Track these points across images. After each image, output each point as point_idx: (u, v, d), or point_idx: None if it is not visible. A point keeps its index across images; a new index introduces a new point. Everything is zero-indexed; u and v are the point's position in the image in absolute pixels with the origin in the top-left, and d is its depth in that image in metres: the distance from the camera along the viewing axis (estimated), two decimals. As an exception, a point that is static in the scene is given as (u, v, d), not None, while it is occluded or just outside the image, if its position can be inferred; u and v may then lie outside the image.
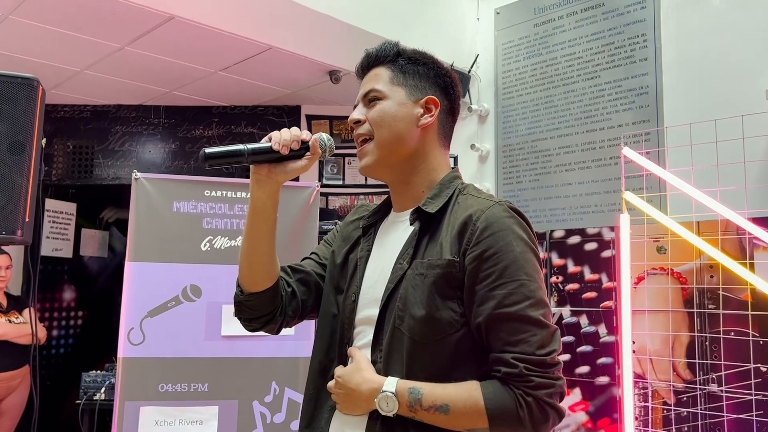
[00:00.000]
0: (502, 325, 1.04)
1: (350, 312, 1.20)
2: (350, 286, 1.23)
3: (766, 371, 2.34)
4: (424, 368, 1.08)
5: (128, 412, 2.01)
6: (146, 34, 2.96)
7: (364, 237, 1.27)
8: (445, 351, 1.08)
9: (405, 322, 1.10)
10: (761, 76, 2.67)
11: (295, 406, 2.11)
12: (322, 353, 1.24)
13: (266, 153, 1.15)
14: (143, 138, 4.00)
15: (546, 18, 3.58)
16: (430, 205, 1.17)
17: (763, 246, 2.37)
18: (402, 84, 1.21)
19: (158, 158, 3.98)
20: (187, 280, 2.10)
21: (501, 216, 1.09)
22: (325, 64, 3.27)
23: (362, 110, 1.23)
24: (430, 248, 1.13)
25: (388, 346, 1.11)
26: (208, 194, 2.16)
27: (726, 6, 2.88)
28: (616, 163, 3.22)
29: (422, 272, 1.11)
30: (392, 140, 1.18)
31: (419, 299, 1.09)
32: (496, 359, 1.05)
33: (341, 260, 1.28)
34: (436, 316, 1.08)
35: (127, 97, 3.90)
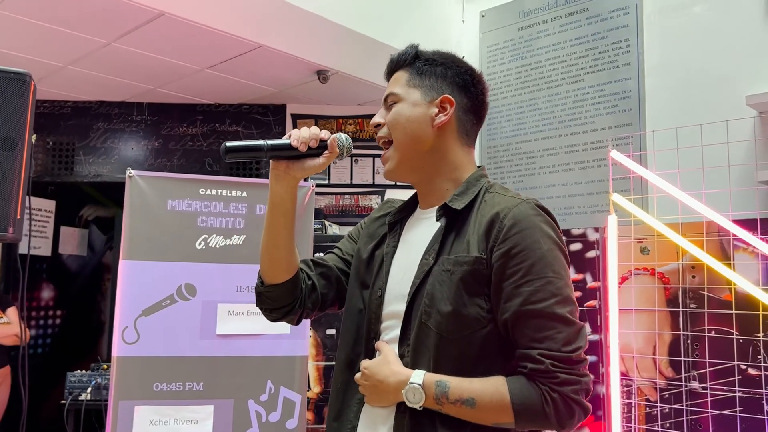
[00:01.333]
0: (528, 321, 1.07)
1: (377, 307, 1.23)
2: (376, 282, 1.25)
3: (746, 369, 2.41)
4: (451, 363, 1.11)
5: (122, 412, 2.00)
6: (135, 30, 2.93)
7: (390, 233, 1.30)
8: (471, 347, 1.10)
9: (432, 318, 1.12)
10: (741, 82, 2.75)
11: (291, 404, 2.11)
12: (348, 347, 1.27)
13: (285, 149, 1.18)
14: (126, 135, 3.95)
15: (531, 22, 3.64)
16: (457, 201, 1.19)
17: (742, 247, 2.45)
18: (418, 85, 1.24)
19: (141, 156, 3.94)
20: (182, 278, 2.09)
21: (528, 214, 1.12)
22: (314, 63, 3.28)
23: (383, 113, 1.27)
24: (456, 245, 1.16)
25: (416, 341, 1.14)
26: (203, 192, 2.15)
27: (706, 14, 2.96)
28: (599, 166, 3.29)
29: (449, 268, 1.14)
30: (408, 141, 1.22)
31: (446, 295, 1.12)
32: (522, 355, 1.08)
33: (367, 256, 1.30)
34: (463, 312, 1.10)
35: (110, 94, 3.85)
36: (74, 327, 4.62)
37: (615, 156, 2.61)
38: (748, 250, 2.43)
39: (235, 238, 2.16)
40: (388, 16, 3.35)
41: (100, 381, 2.77)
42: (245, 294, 2.13)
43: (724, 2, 2.90)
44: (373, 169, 3.91)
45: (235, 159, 1.17)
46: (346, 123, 3.95)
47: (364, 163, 3.91)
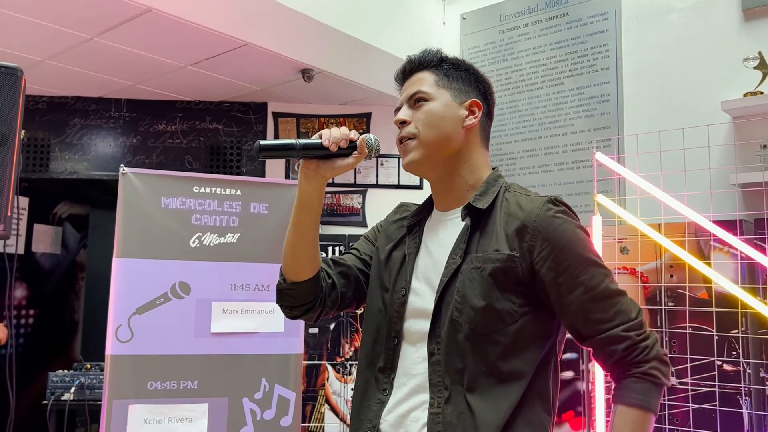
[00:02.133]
0: (596, 305, 1.14)
1: (399, 306, 1.25)
2: (398, 282, 1.28)
3: (721, 364, 2.51)
4: (485, 357, 1.15)
5: (116, 411, 1.98)
6: (120, 26, 2.89)
7: (410, 235, 1.33)
8: (504, 341, 1.15)
9: (464, 314, 1.16)
10: (717, 88, 2.86)
11: (285, 402, 2.12)
12: (368, 347, 1.29)
13: (316, 149, 1.20)
14: (103, 132, 3.89)
15: (511, 25, 3.71)
16: (480, 201, 1.24)
17: (719, 247, 2.54)
18: (447, 87, 1.28)
19: (119, 153, 3.89)
20: (176, 276, 2.08)
21: (552, 213, 1.18)
22: (299, 62, 3.28)
23: (407, 112, 1.29)
24: (482, 243, 1.20)
25: (447, 338, 1.17)
26: (197, 190, 2.14)
27: (683, 21, 3.06)
28: (578, 167, 3.37)
29: (478, 266, 1.18)
30: (439, 140, 1.25)
31: (477, 291, 1.16)
32: (605, 340, 1.14)
33: (385, 257, 1.33)
34: (496, 307, 1.15)
35: (87, 89, 3.78)
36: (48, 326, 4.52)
37: (599, 158, 2.69)
38: (724, 250, 2.53)
39: (229, 236, 2.16)
40: (371, 16, 3.37)
41: (83, 381, 2.73)
42: (239, 292, 2.13)
43: (700, 10, 3.01)
44: (354, 169, 3.93)
45: (269, 158, 1.19)
46: (328, 122, 3.96)
47: (346, 162, 3.92)
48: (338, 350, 3.33)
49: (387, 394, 1.22)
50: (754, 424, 2.44)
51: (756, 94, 2.63)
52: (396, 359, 1.24)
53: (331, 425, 3.27)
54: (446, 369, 1.16)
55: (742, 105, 2.65)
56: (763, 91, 2.63)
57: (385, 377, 1.24)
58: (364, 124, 3.96)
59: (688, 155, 2.60)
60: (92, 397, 2.78)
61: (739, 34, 2.87)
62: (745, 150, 2.71)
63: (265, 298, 2.16)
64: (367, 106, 3.95)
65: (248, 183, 2.21)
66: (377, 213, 3.76)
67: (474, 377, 1.15)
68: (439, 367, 1.17)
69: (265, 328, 2.13)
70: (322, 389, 3.29)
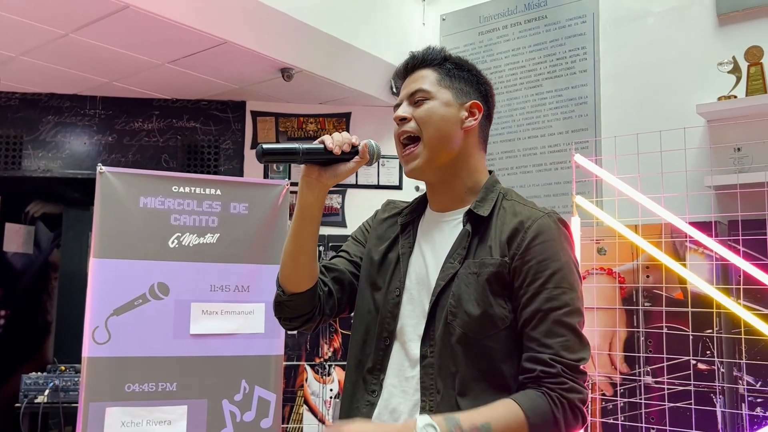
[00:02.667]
0: (540, 325, 1.12)
1: (393, 306, 1.24)
2: (392, 282, 1.27)
3: (695, 363, 2.55)
4: (476, 362, 1.14)
5: (93, 414, 1.95)
6: (96, 22, 2.85)
7: (403, 234, 1.31)
8: (496, 345, 1.15)
9: (458, 318, 1.16)
10: (692, 91, 2.90)
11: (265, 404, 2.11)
12: (357, 349, 1.28)
13: (319, 153, 1.19)
14: (77, 129, 3.82)
15: (491, 27, 3.73)
16: (481, 208, 1.23)
17: (694, 248, 2.59)
18: (448, 86, 1.26)
19: (93, 151, 3.83)
20: (155, 277, 2.05)
21: (551, 227, 1.18)
22: (279, 61, 3.26)
23: (407, 108, 1.27)
24: (479, 249, 1.20)
25: (440, 340, 1.16)
26: (176, 190, 2.12)
27: (660, 25, 3.11)
28: (556, 169, 3.40)
29: (475, 271, 1.17)
30: (439, 139, 1.23)
31: (473, 297, 1.16)
32: (532, 358, 1.12)
33: (379, 257, 1.31)
34: (490, 312, 1.15)
35: (62, 86, 3.72)
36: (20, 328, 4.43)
37: (578, 160, 2.71)
38: (699, 251, 2.57)
39: (209, 236, 2.14)
40: (351, 16, 3.37)
41: (58, 383, 2.68)
42: (219, 293, 2.11)
43: (676, 15, 3.05)
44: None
45: (271, 162, 1.18)
46: (308, 121, 3.94)
47: (325, 162, 3.91)
48: (317, 351, 3.32)
49: (376, 396, 1.21)
50: (728, 422, 2.48)
51: (729, 98, 2.68)
52: (386, 360, 1.22)
53: (309, 426, 3.26)
54: (439, 372, 1.15)
55: (716, 108, 2.70)
56: (737, 95, 2.68)
57: (374, 378, 1.23)
58: (344, 124, 3.95)
59: (665, 157, 2.64)
60: (66, 399, 2.73)
61: (714, 39, 2.92)
62: (719, 153, 2.76)
63: (245, 299, 2.14)
64: (347, 106, 3.94)
65: (228, 183, 2.19)
66: (357, 213, 3.75)
67: (466, 381, 1.14)
68: (432, 370, 1.16)
69: (245, 330, 2.11)
70: (300, 390, 3.28)
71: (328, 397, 3.30)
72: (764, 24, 2.80)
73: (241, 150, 3.92)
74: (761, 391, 2.40)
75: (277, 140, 3.93)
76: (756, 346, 2.40)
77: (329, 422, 1.04)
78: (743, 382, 2.44)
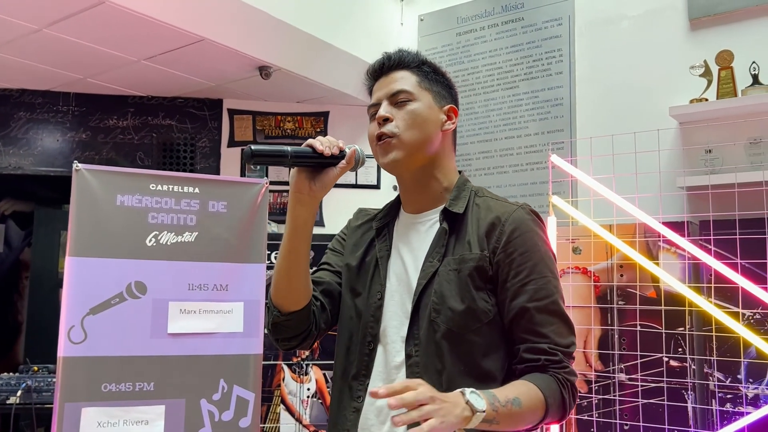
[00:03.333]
0: (535, 316, 1.15)
1: (375, 309, 1.26)
2: (372, 286, 1.28)
3: (667, 360, 2.61)
4: (462, 357, 1.17)
5: (68, 414, 1.92)
6: (71, 17, 2.81)
7: (379, 238, 1.33)
8: (480, 340, 1.17)
9: (442, 314, 1.18)
10: (664, 93, 2.96)
11: (244, 403, 2.09)
12: (342, 356, 1.29)
13: (308, 156, 1.17)
14: (50, 126, 3.76)
15: (468, 28, 3.76)
16: (455, 206, 1.26)
17: (666, 248, 2.64)
18: (428, 89, 1.28)
19: (67, 148, 3.77)
20: (132, 276, 2.02)
21: (526, 219, 1.22)
22: (257, 59, 3.25)
23: (389, 108, 1.27)
24: (457, 246, 1.22)
25: (425, 338, 1.18)
26: (154, 188, 2.09)
27: (634, 28, 3.16)
28: (533, 169, 3.45)
29: (455, 267, 1.20)
30: (421, 141, 1.25)
31: (455, 293, 1.18)
32: (532, 349, 1.15)
33: (357, 263, 1.33)
34: (473, 307, 1.17)
35: (34, 82, 3.65)
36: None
37: (555, 160, 2.75)
38: (671, 251, 2.63)
39: (187, 235, 2.11)
40: (330, 15, 3.37)
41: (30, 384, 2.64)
42: (197, 292, 2.09)
43: (650, 19, 3.12)
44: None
45: (259, 163, 1.16)
46: (285, 120, 3.93)
47: (303, 161, 3.90)
48: (294, 350, 3.32)
49: (361, 401, 1.22)
50: (698, 418, 2.54)
51: (701, 101, 2.75)
52: (371, 364, 1.23)
53: (286, 426, 3.26)
54: (425, 370, 1.17)
55: (688, 111, 2.76)
56: (708, 98, 2.75)
57: (359, 384, 1.23)
58: (322, 123, 3.95)
59: (638, 158, 2.69)
60: (39, 400, 2.69)
61: (686, 43, 2.99)
62: (690, 154, 2.82)
63: (223, 298, 2.12)
64: (325, 105, 3.94)
65: (206, 181, 2.17)
66: (334, 212, 3.75)
67: (452, 377, 1.16)
68: (418, 368, 1.18)
69: (223, 329, 2.09)
70: (277, 390, 3.27)
71: (306, 396, 3.30)
72: (735, 29, 2.87)
73: (217, 148, 3.90)
74: (731, 388, 2.46)
75: (254, 139, 3.91)
76: (726, 343, 2.46)
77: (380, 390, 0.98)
78: (714, 378, 2.50)
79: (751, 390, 2.42)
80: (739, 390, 2.44)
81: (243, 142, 3.90)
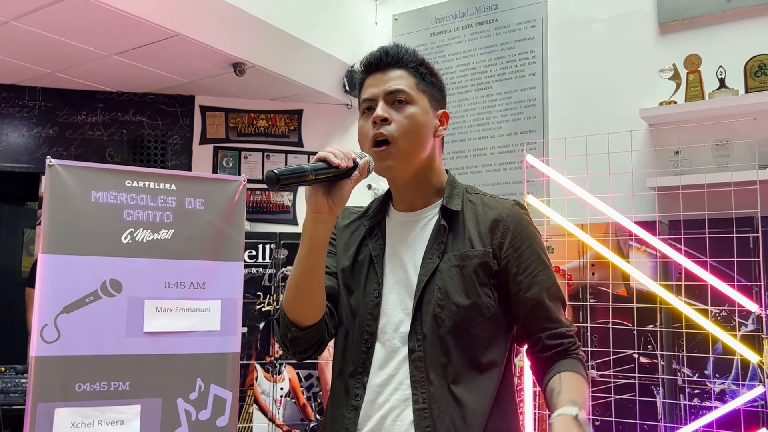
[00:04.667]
0: (548, 305, 1.21)
1: (373, 307, 1.25)
2: (367, 284, 1.27)
3: (637, 357, 2.66)
4: (467, 350, 1.19)
5: (41, 415, 1.87)
6: (39, 10, 2.74)
7: (371, 237, 1.32)
8: (483, 333, 1.20)
9: (446, 309, 1.19)
10: (634, 96, 3.03)
11: (221, 402, 2.08)
12: (339, 355, 1.29)
13: (325, 170, 1.12)
14: (16, 121, 3.67)
15: (443, 28, 3.78)
16: (452, 203, 1.27)
17: (636, 247, 2.70)
18: (425, 92, 1.27)
19: (33, 144, 3.68)
20: (107, 273, 1.99)
21: (522, 214, 1.27)
22: (231, 55, 3.22)
23: (386, 108, 1.24)
24: (456, 242, 1.24)
25: (430, 333, 1.19)
26: (129, 184, 2.06)
27: (605, 31, 3.22)
28: (506, 169, 3.48)
29: (457, 264, 1.22)
30: (416, 149, 1.24)
31: (459, 288, 1.20)
32: (553, 335, 1.22)
33: (349, 263, 1.32)
34: (478, 302, 1.20)
35: (-1, 76, 3.56)
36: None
37: (529, 160, 2.79)
38: (642, 249, 2.69)
39: (163, 232, 2.09)
40: (305, 13, 3.36)
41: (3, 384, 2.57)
42: (173, 290, 2.06)
43: (620, 22, 3.18)
44: (285, 165, 3.89)
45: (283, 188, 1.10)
46: (258, 117, 3.90)
47: (276, 158, 3.88)
48: (267, 350, 3.30)
49: (360, 399, 1.21)
50: (666, 412, 2.60)
51: (670, 103, 2.81)
52: (369, 362, 1.23)
53: (259, 425, 3.23)
54: (430, 364, 1.18)
55: (657, 113, 2.82)
56: (677, 100, 2.81)
57: (356, 382, 1.23)
58: (296, 121, 3.93)
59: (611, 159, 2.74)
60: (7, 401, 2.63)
61: (656, 47, 3.06)
62: (660, 155, 2.89)
63: (200, 296, 2.10)
64: (299, 103, 3.92)
65: (183, 178, 2.14)
66: (308, 211, 3.73)
67: (457, 370, 1.18)
68: (422, 363, 1.18)
69: (200, 327, 2.08)
70: (250, 389, 3.25)
71: (279, 396, 3.28)
72: (702, 33, 2.94)
73: (189, 145, 3.85)
74: (699, 383, 2.53)
75: (227, 136, 3.87)
76: (694, 339, 2.53)
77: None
78: (682, 374, 2.56)
79: (718, 385, 2.49)
80: (706, 385, 2.51)
81: (215, 140, 3.87)
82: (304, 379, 3.31)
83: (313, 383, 3.32)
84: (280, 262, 3.21)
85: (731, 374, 2.48)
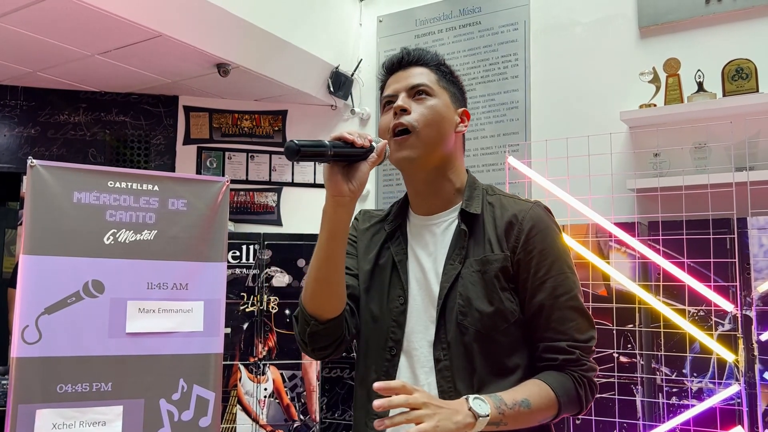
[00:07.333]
0: (553, 313, 1.16)
1: (398, 315, 1.23)
2: (391, 290, 1.25)
3: (617, 356, 2.70)
4: (491, 357, 1.16)
5: (22, 416, 1.87)
6: (22, 9, 2.73)
7: (392, 241, 1.30)
8: (507, 339, 1.17)
9: (469, 316, 1.17)
10: (615, 99, 3.07)
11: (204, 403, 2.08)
12: (361, 362, 1.27)
13: (343, 148, 1.10)
14: (-4, 120, 3.64)
15: (427, 30, 3.80)
16: (471, 206, 1.24)
17: (616, 247, 2.74)
18: (446, 89, 1.27)
19: (14, 144, 3.65)
20: (89, 274, 1.99)
21: (542, 216, 1.22)
22: (215, 56, 3.21)
23: (407, 101, 1.24)
24: (476, 247, 1.21)
25: (454, 342, 1.17)
26: (112, 185, 2.06)
27: (586, 35, 3.26)
28: (488, 171, 3.51)
29: (478, 269, 1.19)
30: (437, 140, 1.22)
31: (482, 294, 1.17)
32: (550, 348, 1.16)
33: (370, 267, 1.30)
34: (501, 308, 1.17)
35: (-21, 75, 3.53)
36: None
37: (512, 162, 2.81)
38: (622, 250, 2.72)
39: (146, 233, 2.09)
40: (289, 13, 3.37)
41: (-20, 386, 2.55)
42: (156, 291, 2.06)
43: (601, 26, 3.22)
44: (269, 166, 3.89)
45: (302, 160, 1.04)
46: (243, 118, 3.90)
47: (261, 159, 3.88)
48: (251, 350, 3.30)
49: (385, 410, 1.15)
50: (646, 411, 2.64)
51: (650, 106, 2.85)
52: (393, 370, 1.20)
53: (243, 426, 3.23)
54: (456, 374, 1.16)
55: (637, 116, 2.86)
56: (656, 103, 2.85)
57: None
58: (280, 122, 3.94)
59: (591, 161, 2.78)
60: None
61: (636, 50, 3.10)
62: (640, 157, 2.93)
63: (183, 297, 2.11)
64: (283, 104, 3.92)
65: (166, 178, 2.15)
66: (292, 211, 3.75)
67: (482, 377, 1.16)
68: (449, 372, 1.17)
69: (183, 328, 2.08)
70: (234, 390, 3.25)
71: (263, 396, 3.28)
72: (682, 37, 2.99)
73: (172, 146, 3.84)
74: (677, 381, 2.57)
75: (211, 137, 3.87)
76: (672, 339, 2.57)
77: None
78: (661, 372, 2.60)
79: (695, 384, 2.53)
80: (684, 384, 2.55)
81: (198, 140, 3.86)
82: (288, 380, 3.32)
83: (297, 383, 3.32)
84: (264, 263, 3.22)
85: (708, 373, 2.52)
